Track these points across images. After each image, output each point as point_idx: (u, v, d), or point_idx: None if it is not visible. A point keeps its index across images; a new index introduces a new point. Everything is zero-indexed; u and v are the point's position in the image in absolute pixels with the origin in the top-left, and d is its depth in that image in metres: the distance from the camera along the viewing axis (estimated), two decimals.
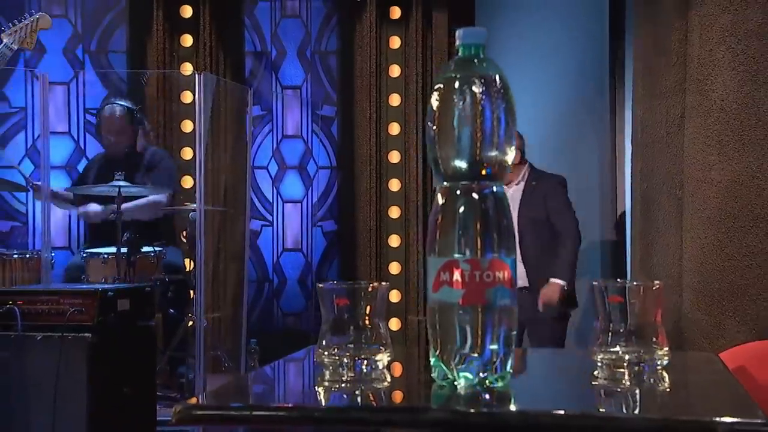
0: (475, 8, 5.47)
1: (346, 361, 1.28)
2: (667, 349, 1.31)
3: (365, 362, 1.29)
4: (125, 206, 4.38)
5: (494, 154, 1.19)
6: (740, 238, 3.57)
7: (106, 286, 3.74)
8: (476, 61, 1.21)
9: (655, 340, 1.30)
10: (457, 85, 1.20)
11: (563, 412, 1.03)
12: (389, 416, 1.12)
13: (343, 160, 5.73)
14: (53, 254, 4.65)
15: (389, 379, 1.29)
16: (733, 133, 3.58)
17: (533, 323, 4.37)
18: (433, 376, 1.21)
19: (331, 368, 1.29)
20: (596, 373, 1.30)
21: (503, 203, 1.20)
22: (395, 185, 5.49)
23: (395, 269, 5.44)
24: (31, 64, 5.46)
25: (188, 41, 5.52)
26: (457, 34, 1.22)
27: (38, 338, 3.43)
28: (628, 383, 1.26)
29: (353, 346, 1.29)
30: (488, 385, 1.18)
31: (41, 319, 3.47)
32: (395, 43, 5.50)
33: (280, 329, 5.67)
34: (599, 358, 1.30)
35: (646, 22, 4.44)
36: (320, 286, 1.31)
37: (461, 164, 1.19)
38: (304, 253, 5.81)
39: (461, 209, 1.19)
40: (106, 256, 4.37)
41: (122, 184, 4.33)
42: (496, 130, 1.19)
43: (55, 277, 4.69)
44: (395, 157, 5.49)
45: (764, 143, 3.49)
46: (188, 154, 5.41)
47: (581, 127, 5.70)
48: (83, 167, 5.17)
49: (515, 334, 1.21)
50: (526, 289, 4.31)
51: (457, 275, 1.18)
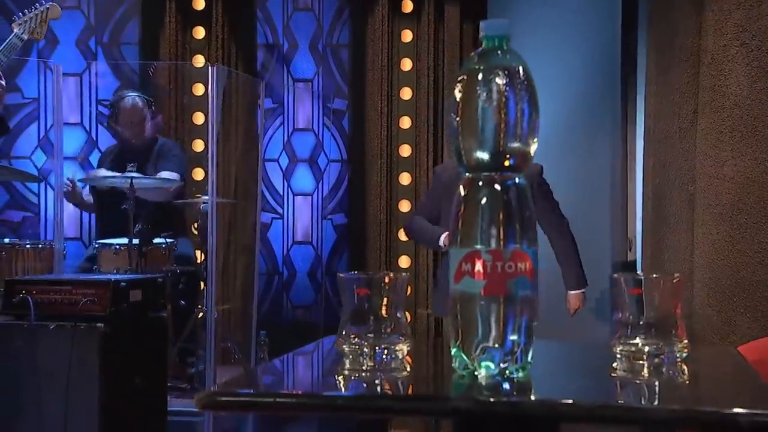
0: (487, 2, 5.47)
1: (366, 350, 1.29)
2: (686, 341, 1.31)
3: (385, 351, 1.29)
4: (139, 183, 4.38)
5: (517, 145, 1.20)
6: (752, 234, 3.57)
7: (118, 276, 3.76)
8: (500, 52, 1.22)
9: (674, 332, 1.30)
10: (480, 76, 1.21)
11: (586, 402, 1.04)
12: (412, 404, 1.13)
13: (353, 153, 5.73)
14: (65, 245, 4.67)
15: (409, 368, 1.30)
16: (746, 128, 3.58)
17: None
18: (453, 366, 1.21)
19: (351, 357, 1.29)
20: (615, 365, 1.30)
21: (526, 194, 1.21)
22: (406, 179, 5.49)
23: (405, 263, 5.45)
24: (44, 55, 5.48)
25: (200, 33, 5.53)
26: (480, 25, 1.23)
27: (51, 328, 3.44)
28: (647, 375, 1.26)
29: (373, 335, 1.30)
30: (509, 375, 1.19)
31: (54, 308, 3.49)
32: (407, 36, 5.51)
33: (289, 322, 5.68)
34: (619, 350, 1.30)
35: (659, 17, 4.43)
36: (341, 275, 1.31)
37: (484, 155, 1.19)
38: (314, 246, 5.82)
39: (483, 200, 1.19)
40: (118, 246, 4.39)
41: (135, 175, 4.34)
42: (519, 121, 1.19)
43: (66, 267, 4.71)
44: (406, 150, 5.50)
45: None
46: (199, 146, 5.44)
47: (592, 121, 5.68)
48: (97, 160, 5.19)
49: (536, 324, 1.21)
50: None
51: (479, 266, 1.18)
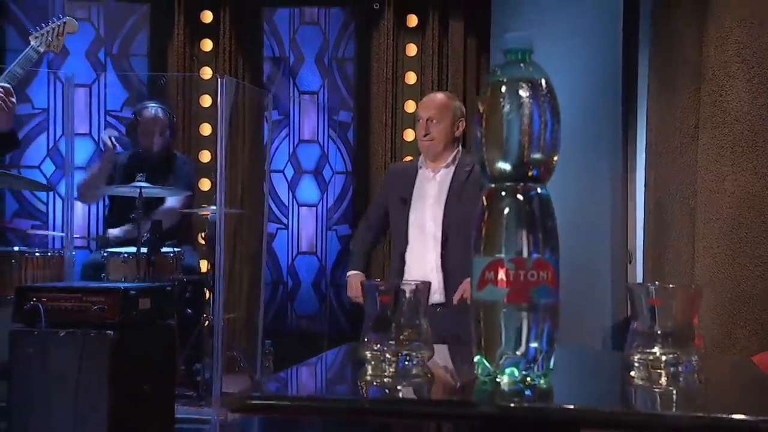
0: (491, 17, 5.49)
1: (388, 356, 1.30)
2: (703, 351, 1.32)
3: (407, 358, 1.30)
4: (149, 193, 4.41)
5: (540, 156, 1.21)
6: (753, 248, 3.58)
7: (128, 284, 3.77)
8: (523, 65, 1.23)
9: (691, 342, 1.31)
10: (504, 88, 1.22)
11: (607, 408, 1.05)
12: (438, 409, 1.13)
13: (358, 165, 5.75)
14: (74, 253, 4.68)
15: (430, 374, 1.31)
16: (746, 144, 3.59)
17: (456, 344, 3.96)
18: (476, 372, 1.22)
19: (373, 363, 1.30)
20: (633, 373, 1.31)
21: (548, 205, 1.22)
22: None
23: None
24: (54, 66, 5.52)
25: (208, 46, 5.59)
26: (503, 39, 1.25)
27: (61, 335, 3.47)
28: (665, 383, 1.27)
29: (395, 342, 1.31)
30: (530, 382, 1.20)
31: (65, 316, 3.51)
32: (411, 50, 5.56)
33: (294, 331, 5.71)
34: (636, 358, 1.31)
35: (661, 33, 4.45)
36: (365, 282, 1.33)
37: (508, 166, 1.21)
38: (318, 256, 5.83)
39: (507, 210, 1.21)
40: (126, 255, 4.39)
41: (143, 185, 4.35)
42: (542, 132, 1.21)
43: (73, 274, 4.72)
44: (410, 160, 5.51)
45: None
46: (206, 156, 5.49)
47: (593, 134, 5.68)
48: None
49: (558, 332, 1.22)
50: (441, 306, 3.41)
51: (501, 274, 1.19)
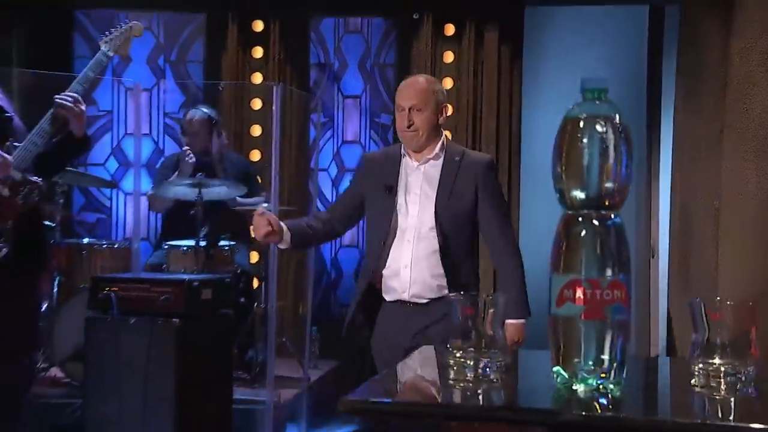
0: (524, 27, 5.46)
1: (470, 362, 1.34)
2: (757, 364, 1.35)
3: (486, 364, 1.34)
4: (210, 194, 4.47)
5: (615, 186, 1.25)
6: None
7: (192, 276, 3.82)
8: (598, 102, 1.27)
9: (748, 353, 1.34)
10: (582, 124, 1.26)
11: (685, 421, 1.08)
12: (525, 416, 1.18)
13: None
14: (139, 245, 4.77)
15: (506, 379, 1.35)
16: None
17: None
18: (556, 381, 1.26)
19: (455, 368, 1.35)
20: (694, 381, 1.34)
21: (622, 232, 1.26)
22: None
23: None
24: (117, 71, 5.60)
25: (259, 53, 5.58)
26: (581, 80, 1.28)
27: (131, 322, 3.53)
28: (723, 392, 1.30)
29: (475, 349, 1.35)
30: (604, 390, 1.24)
31: (134, 305, 3.57)
32: (448, 57, 5.51)
33: (336, 318, 5.63)
34: (697, 368, 1.34)
35: (687, 42, 4.44)
36: (450, 296, 1.37)
37: (585, 195, 1.25)
38: (359, 248, 5.82)
39: (584, 234, 1.25)
40: (186, 248, 4.45)
41: (202, 182, 4.41)
42: (618, 165, 1.25)
43: (136, 266, 4.79)
44: None
45: None
46: (256, 156, 5.51)
47: None
48: (160, 163, 5.21)
49: (629, 345, 1.26)
50: (408, 303, 2.87)
51: (579, 293, 1.24)
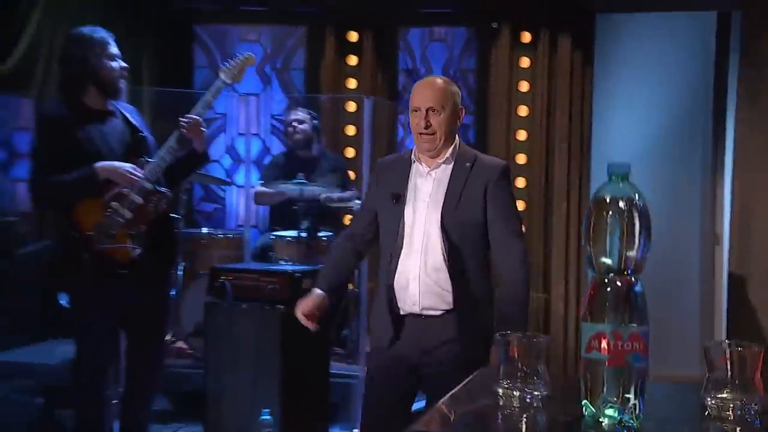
0: (595, 34, 5.39)
1: (516, 393, 1.49)
2: (762, 397, 1.45)
3: (529, 395, 1.49)
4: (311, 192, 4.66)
5: (634, 256, 1.38)
6: None
7: (295, 267, 4.00)
8: (621, 184, 1.39)
9: (755, 388, 1.44)
10: (607, 203, 1.39)
11: None
12: None
13: None
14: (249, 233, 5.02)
15: (546, 409, 1.49)
16: None
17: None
18: (585, 413, 1.41)
19: (504, 397, 1.49)
20: (707, 412, 1.45)
21: (642, 293, 1.39)
22: (521, 182, 5.45)
23: None
24: None
25: (353, 61, 5.64)
26: (608, 166, 1.40)
27: (243, 307, 3.74)
28: (732, 420, 1.42)
29: (520, 381, 1.49)
30: (625, 423, 1.37)
31: (245, 292, 3.76)
32: (525, 63, 5.47)
33: None
34: (709, 402, 1.45)
35: (750, 52, 4.38)
36: (497, 337, 1.50)
37: (610, 262, 1.38)
38: None
39: (609, 296, 1.38)
40: (290, 239, 4.66)
41: (304, 182, 4.62)
42: (638, 237, 1.37)
43: (246, 251, 5.01)
44: (522, 159, 5.49)
45: None
46: (350, 152, 5.59)
47: (686, 133, 5.60)
48: (268, 162, 5.40)
49: (647, 385, 1.39)
50: (419, 317, 2.54)
51: (604, 344, 1.37)
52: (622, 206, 1.38)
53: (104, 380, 3.29)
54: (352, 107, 5.62)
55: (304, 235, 4.58)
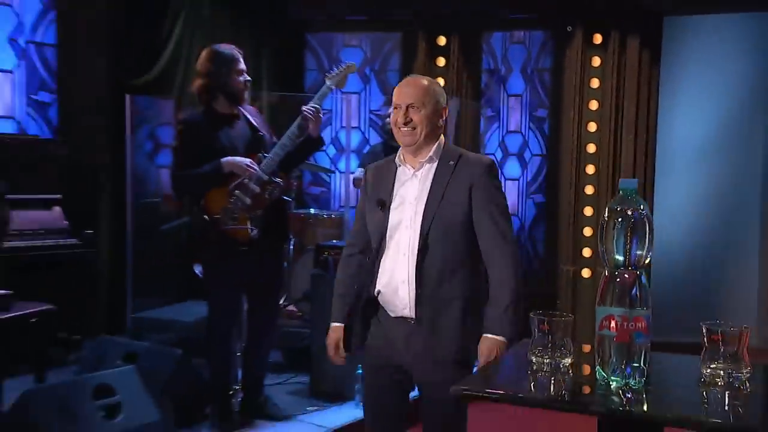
0: (662, 35, 5.31)
1: (546, 360, 1.68)
2: (749, 368, 1.59)
3: (557, 363, 1.68)
4: None
5: (639, 253, 1.56)
6: None
7: None
8: (630, 198, 1.56)
9: (742, 360, 1.57)
10: (618, 211, 1.57)
11: (675, 414, 1.41)
12: (572, 406, 1.52)
13: (551, 149, 5.76)
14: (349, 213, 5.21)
15: (571, 373, 1.68)
16: None
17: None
18: (597, 377, 1.60)
19: (536, 364, 1.68)
20: (702, 379, 1.60)
21: (646, 285, 1.56)
22: (591, 169, 5.49)
23: (588, 232, 5.46)
24: None
25: (442, 62, 5.71)
26: (620, 182, 1.57)
27: None
28: (723, 387, 1.56)
29: (550, 351, 1.68)
30: (630, 387, 1.56)
31: None
32: (596, 62, 5.46)
33: None
34: (704, 371, 1.60)
35: None
36: (532, 315, 1.69)
37: (618, 258, 1.56)
38: (519, 217, 5.91)
39: (617, 284, 1.56)
40: None
41: None
42: (640, 239, 1.55)
43: (346, 230, 5.21)
44: (591, 148, 5.49)
45: None
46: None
47: (744, 134, 5.50)
48: (366, 152, 5.54)
49: (648, 356, 1.57)
50: (411, 320, 2.24)
51: (613, 324, 1.55)
52: (630, 214, 1.55)
53: (230, 336, 3.53)
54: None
55: None
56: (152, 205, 5.05)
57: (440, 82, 5.69)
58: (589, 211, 5.52)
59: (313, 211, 5.40)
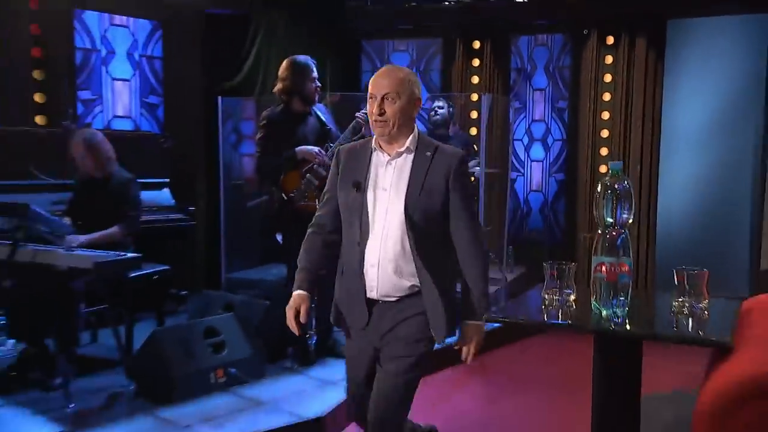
0: (666, 37, 5.34)
1: (556, 296, 1.98)
2: (707, 300, 1.86)
3: (563, 299, 1.97)
4: None
5: (622, 216, 1.84)
6: None
7: None
8: (617, 175, 1.85)
9: (703, 295, 1.85)
10: (607, 185, 1.85)
11: (649, 331, 1.70)
12: (571, 328, 1.83)
13: (570, 135, 5.81)
14: None
15: (575, 306, 1.97)
16: None
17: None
18: (593, 307, 1.89)
19: (548, 300, 1.98)
20: (672, 310, 1.89)
21: (627, 239, 1.83)
22: (604, 151, 5.55)
23: None
24: None
25: (476, 63, 5.83)
26: (609, 164, 1.85)
27: None
28: (686, 313, 1.84)
29: (559, 289, 1.98)
30: (617, 315, 1.85)
31: None
32: (608, 60, 5.50)
33: (526, 240, 5.89)
34: (673, 303, 1.89)
35: None
36: (545, 265, 1.98)
37: (608, 220, 1.85)
38: (543, 193, 6.00)
39: (608, 238, 1.85)
40: None
41: None
42: (624, 205, 1.83)
43: None
44: (605, 133, 5.55)
45: None
46: (474, 131, 5.69)
47: (739, 119, 5.48)
48: None
49: (630, 292, 1.85)
50: (378, 302, 2.14)
51: (604, 268, 1.84)
52: (616, 187, 1.84)
53: None
54: (475, 97, 5.80)
55: None
56: (238, 185, 5.21)
57: (475, 80, 5.83)
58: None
59: None
